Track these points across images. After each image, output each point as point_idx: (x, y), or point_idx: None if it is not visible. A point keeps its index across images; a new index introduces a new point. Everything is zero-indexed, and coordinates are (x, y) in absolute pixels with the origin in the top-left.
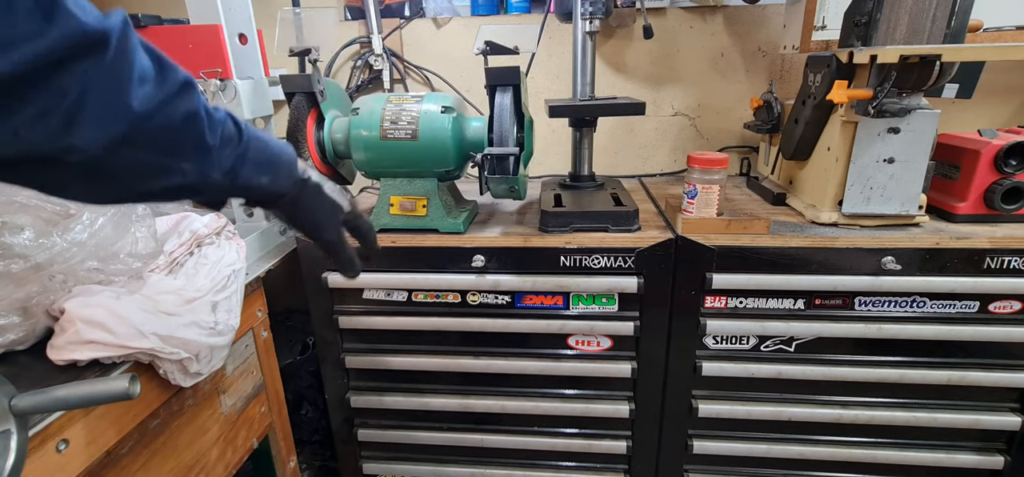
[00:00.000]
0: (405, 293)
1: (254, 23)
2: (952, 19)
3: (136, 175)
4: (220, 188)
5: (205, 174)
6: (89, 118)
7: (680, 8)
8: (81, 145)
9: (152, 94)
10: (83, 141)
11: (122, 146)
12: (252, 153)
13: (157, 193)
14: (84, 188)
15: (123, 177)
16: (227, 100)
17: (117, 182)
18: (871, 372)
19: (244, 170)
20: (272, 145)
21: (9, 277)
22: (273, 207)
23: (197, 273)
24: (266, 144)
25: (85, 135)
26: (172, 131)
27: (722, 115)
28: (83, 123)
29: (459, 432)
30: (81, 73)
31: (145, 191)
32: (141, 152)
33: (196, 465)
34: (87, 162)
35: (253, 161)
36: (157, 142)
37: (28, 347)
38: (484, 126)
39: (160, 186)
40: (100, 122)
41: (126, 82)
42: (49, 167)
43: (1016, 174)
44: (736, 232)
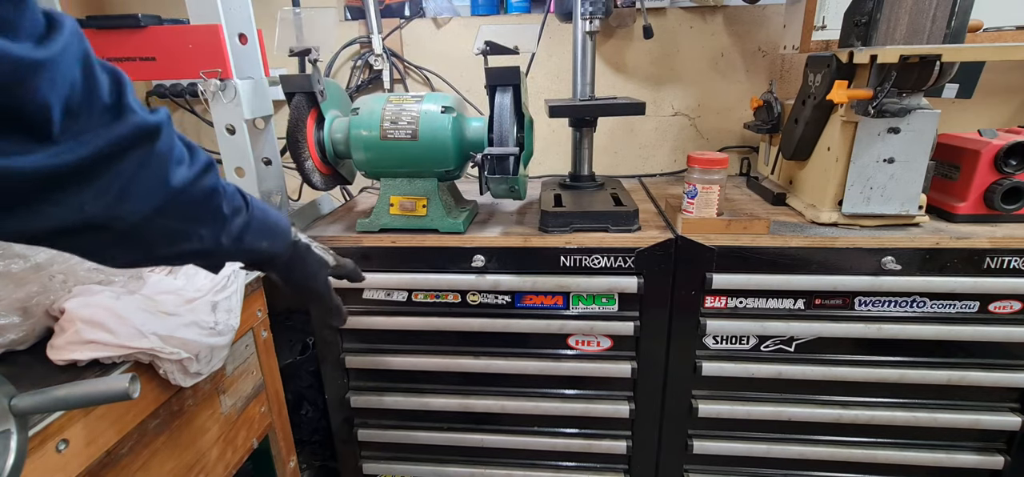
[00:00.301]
0: (405, 293)
1: (254, 23)
2: (952, 19)
3: (164, 240)
4: (227, 252)
5: (217, 240)
6: (137, 193)
7: (680, 8)
8: (127, 215)
9: (185, 173)
10: (129, 212)
11: (158, 216)
12: (256, 222)
13: (175, 256)
14: (120, 252)
15: (153, 242)
16: (227, 100)
17: (147, 247)
18: (871, 372)
19: (248, 236)
20: (271, 214)
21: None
22: (270, 268)
23: (197, 273)
24: (266, 213)
25: (132, 207)
26: (197, 204)
27: (722, 115)
28: (131, 197)
29: (459, 432)
30: (136, 158)
31: (167, 255)
32: (171, 221)
33: (196, 465)
34: (128, 229)
35: (256, 229)
36: (184, 212)
37: (28, 347)
38: (484, 126)
39: (179, 250)
40: (145, 196)
41: (167, 164)
42: (97, 233)
43: (1016, 174)
44: (736, 232)
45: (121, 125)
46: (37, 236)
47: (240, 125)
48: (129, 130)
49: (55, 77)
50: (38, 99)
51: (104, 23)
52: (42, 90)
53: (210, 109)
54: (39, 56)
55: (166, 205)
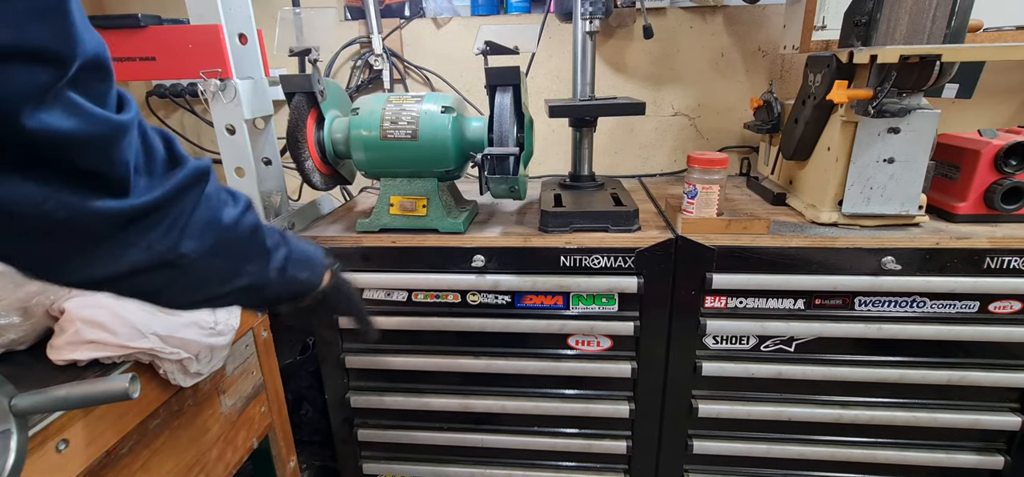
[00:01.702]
0: (405, 293)
1: (254, 23)
2: (952, 19)
3: (220, 278)
4: (273, 285)
5: (265, 273)
6: (195, 231)
7: (680, 8)
8: (189, 252)
9: (232, 212)
10: (191, 249)
11: (213, 254)
12: (295, 254)
13: (229, 295)
14: (182, 291)
15: (211, 281)
16: (227, 100)
17: (205, 286)
18: (871, 372)
19: (290, 267)
20: (308, 246)
21: (9, 277)
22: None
23: None
24: (303, 246)
25: (192, 244)
26: (244, 240)
27: (722, 115)
28: (191, 235)
29: (459, 432)
30: (193, 198)
31: (222, 293)
32: (225, 259)
33: (196, 465)
34: (189, 265)
35: (296, 260)
36: (235, 249)
37: (28, 347)
38: (484, 126)
39: (232, 287)
40: (202, 233)
41: (217, 204)
42: (164, 270)
43: (1016, 174)
44: (736, 232)
45: (179, 171)
46: (115, 278)
47: (240, 125)
48: (186, 174)
49: (132, 140)
50: (122, 158)
51: (104, 23)
52: (124, 151)
53: (210, 109)
54: (123, 120)
55: (219, 242)
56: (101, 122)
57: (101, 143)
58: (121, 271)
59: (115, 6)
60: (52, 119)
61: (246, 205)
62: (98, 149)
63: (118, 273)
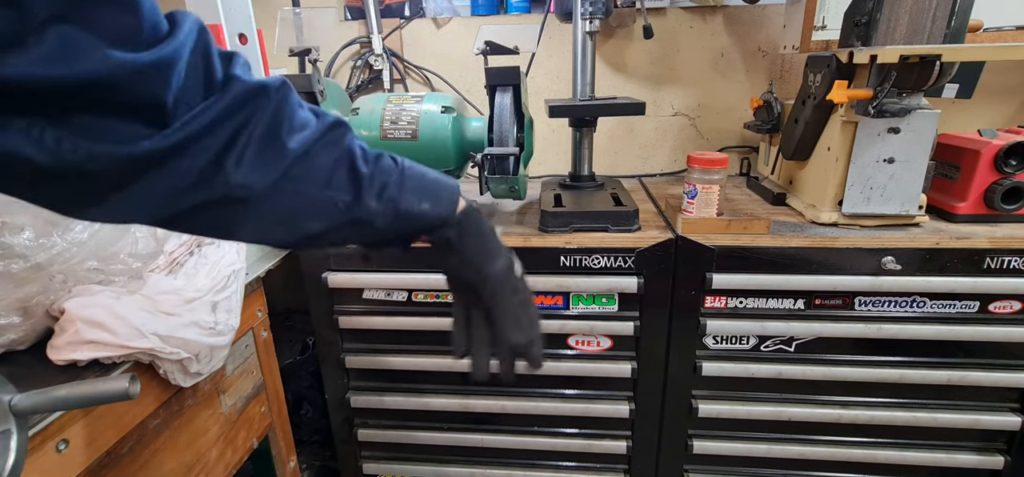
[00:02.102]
0: (405, 293)
1: (254, 23)
2: (952, 19)
3: (305, 213)
4: (384, 218)
5: (366, 204)
6: (255, 160)
7: (680, 8)
8: (248, 182)
9: (307, 136)
10: (250, 179)
11: (284, 182)
12: (410, 181)
13: (328, 233)
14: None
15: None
16: None
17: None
18: (871, 372)
19: (404, 196)
20: (431, 174)
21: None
22: (440, 236)
23: (197, 273)
24: (425, 172)
25: (251, 176)
26: (327, 167)
27: (722, 115)
28: (249, 164)
29: (459, 432)
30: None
31: (319, 231)
32: (304, 186)
33: (196, 465)
34: (256, 199)
35: (412, 188)
36: (315, 177)
37: (28, 347)
38: (484, 126)
39: (330, 224)
40: (265, 164)
41: (284, 129)
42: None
43: (1016, 174)
44: (736, 232)
45: (228, 93)
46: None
47: None
48: (235, 96)
49: (169, 76)
50: (154, 98)
51: None
52: (156, 89)
53: None
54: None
55: (291, 170)
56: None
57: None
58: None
59: None
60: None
61: (330, 124)
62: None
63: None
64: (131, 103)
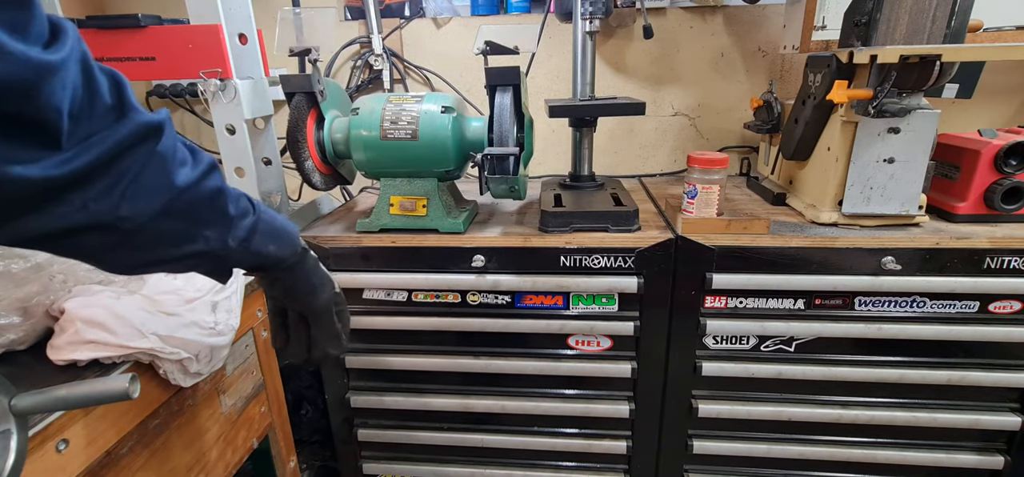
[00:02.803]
0: (405, 293)
1: (254, 23)
2: (952, 19)
3: (169, 242)
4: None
5: (224, 242)
6: (142, 192)
7: (680, 8)
8: (134, 215)
9: (189, 173)
10: (136, 211)
11: (164, 216)
12: (263, 225)
13: (181, 259)
14: (124, 254)
15: (159, 244)
16: (227, 100)
17: (152, 248)
18: (871, 372)
19: (256, 239)
20: (279, 220)
21: (9, 277)
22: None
23: None
24: (274, 218)
25: (138, 206)
26: (202, 204)
27: (722, 115)
28: (137, 196)
29: (459, 432)
30: (141, 157)
31: (172, 257)
32: (177, 221)
33: (196, 465)
34: (134, 230)
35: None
36: (190, 213)
37: (28, 347)
38: (484, 126)
39: (185, 252)
40: (151, 195)
41: (171, 164)
42: (103, 233)
43: (1016, 174)
44: (736, 232)
45: (124, 125)
46: (42, 238)
47: (240, 125)
48: (132, 129)
49: (65, 81)
50: (51, 104)
51: (104, 23)
52: (55, 95)
53: (210, 109)
54: (50, 59)
55: (171, 205)
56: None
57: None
58: (55, 229)
59: (115, 6)
60: None
61: (208, 165)
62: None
63: (52, 230)
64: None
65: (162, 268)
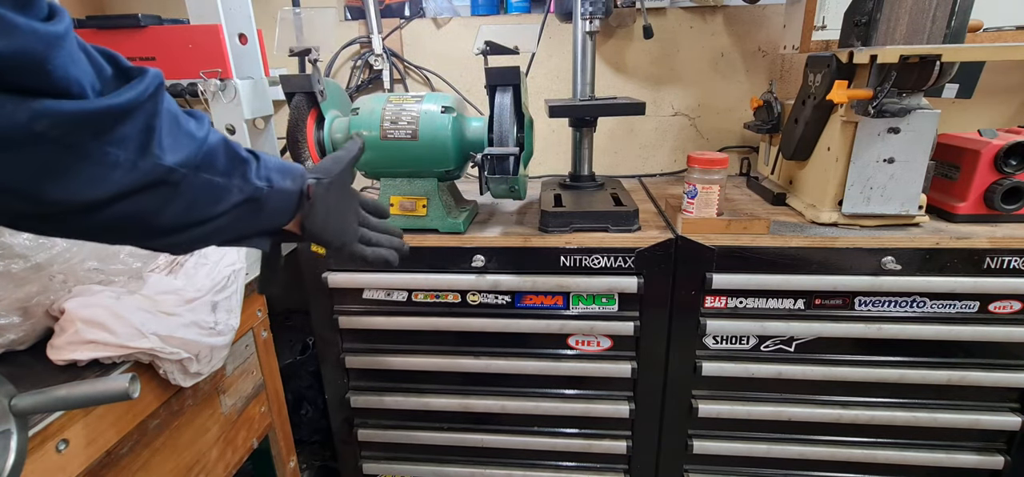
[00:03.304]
0: (405, 293)
1: (254, 23)
2: (952, 19)
3: (212, 197)
4: (266, 197)
5: (251, 183)
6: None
7: (680, 8)
8: (175, 164)
9: (197, 125)
10: (175, 161)
11: (197, 168)
12: (271, 162)
13: (226, 213)
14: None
15: (205, 200)
16: (227, 100)
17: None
18: (871, 372)
19: (273, 175)
20: (279, 158)
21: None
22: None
23: (197, 273)
24: (275, 157)
25: (174, 156)
26: (219, 152)
27: (722, 115)
28: (169, 147)
29: (459, 432)
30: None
31: (219, 214)
32: (210, 174)
33: (196, 465)
34: (180, 182)
35: (275, 168)
36: (216, 164)
37: (28, 347)
38: (484, 126)
39: (229, 205)
40: (179, 145)
41: (180, 117)
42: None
43: (1016, 174)
44: (736, 232)
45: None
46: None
47: (240, 125)
48: (144, 83)
49: (72, 55)
50: (67, 74)
51: (104, 23)
52: (67, 66)
53: (210, 109)
54: (54, 30)
55: (200, 156)
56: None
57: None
58: (108, 193)
59: (115, 6)
60: None
61: (205, 118)
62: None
63: (105, 196)
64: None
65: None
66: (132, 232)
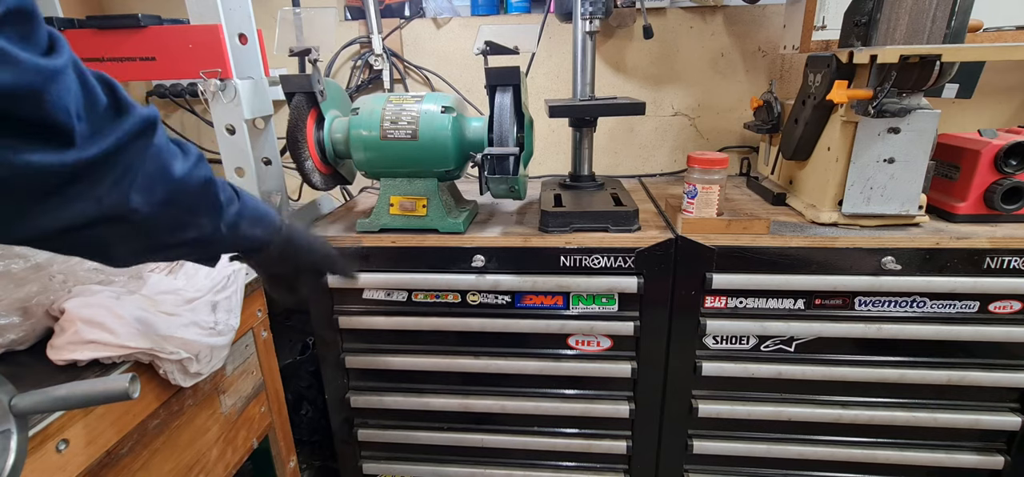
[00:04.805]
0: (405, 293)
1: (254, 23)
2: (952, 19)
3: (169, 230)
4: (224, 240)
5: (216, 228)
6: (146, 184)
7: (680, 8)
8: (139, 205)
9: (183, 165)
10: (140, 202)
11: (166, 206)
12: (247, 211)
13: (178, 246)
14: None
15: (161, 232)
16: (227, 100)
17: (155, 236)
18: (871, 372)
19: (243, 224)
20: (261, 204)
21: (9, 277)
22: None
23: (197, 273)
24: (256, 203)
25: (144, 197)
26: (196, 192)
27: (722, 115)
28: (143, 188)
29: (459, 432)
30: (142, 147)
31: (171, 243)
32: (177, 211)
33: (196, 465)
34: (141, 221)
35: (249, 216)
36: (187, 202)
37: (28, 347)
38: (484, 126)
39: (182, 238)
40: (153, 186)
41: (167, 156)
42: (112, 225)
43: (1016, 174)
44: (736, 232)
45: (126, 120)
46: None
47: (240, 125)
48: (133, 122)
49: (68, 85)
50: (59, 105)
51: (104, 23)
52: (62, 98)
53: (210, 109)
54: (53, 64)
55: (172, 195)
56: (28, 68)
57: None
58: (72, 223)
59: (115, 6)
60: None
61: (197, 158)
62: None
63: (68, 225)
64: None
65: (158, 257)
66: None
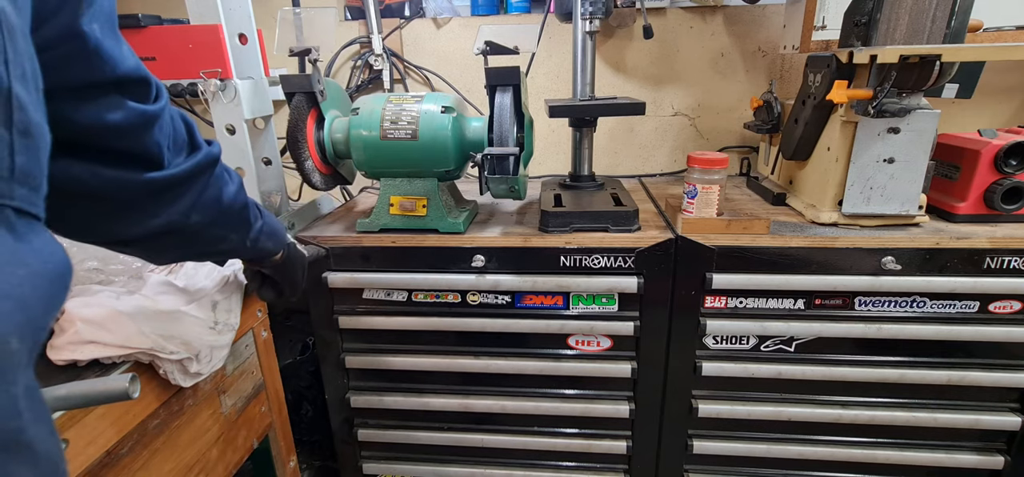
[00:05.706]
0: (405, 293)
1: (254, 23)
2: (952, 19)
3: (210, 242)
4: (244, 251)
5: (243, 242)
6: (204, 205)
7: (680, 8)
8: (196, 222)
9: (231, 191)
10: (198, 220)
11: (213, 225)
12: (266, 227)
13: (215, 253)
14: (181, 250)
15: (205, 242)
16: (227, 100)
17: (200, 245)
18: (871, 372)
19: (261, 239)
20: (275, 221)
21: None
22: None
23: (197, 273)
24: (272, 220)
25: (200, 216)
26: (236, 215)
27: (722, 115)
28: (201, 208)
29: (459, 432)
30: (206, 179)
31: (206, 252)
32: (220, 228)
33: (196, 465)
34: (194, 233)
35: (267, 233)
36: (229, 222)
37: None
38: (484, 126)
39: (216, 249)
40: (208, 208)
41: (224, 184)
42: (174, 234)
43: (1016, 174)
44: (736, 232)
45: (198, 154)
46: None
47: (240, 125)
48: (203, 158)
49: (164, 126)
50: (158, 140)
51: None
52: (156, 135)
53: (210, 109)
54: (156, 110)
55: (220, 215)
56: (138, 114)
57: (139, 129)
58: (145, 233)
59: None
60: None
61: (239, 184)
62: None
63: (142, 235)
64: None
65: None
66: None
